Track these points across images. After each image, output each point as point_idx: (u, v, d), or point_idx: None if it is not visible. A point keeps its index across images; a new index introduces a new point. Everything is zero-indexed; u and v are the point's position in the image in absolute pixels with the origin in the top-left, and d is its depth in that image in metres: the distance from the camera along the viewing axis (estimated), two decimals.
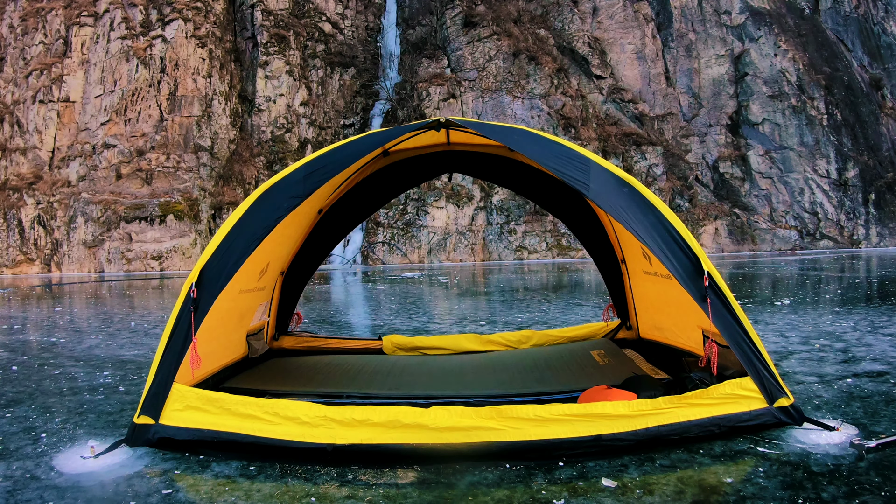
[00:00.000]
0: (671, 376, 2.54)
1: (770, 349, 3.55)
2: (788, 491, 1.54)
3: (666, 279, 2.77)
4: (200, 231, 34.42)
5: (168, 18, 39.54)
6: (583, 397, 2.19)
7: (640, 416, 1.88)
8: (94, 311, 8.44)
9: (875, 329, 4.30)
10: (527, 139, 2.29)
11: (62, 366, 3.82)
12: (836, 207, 39.33)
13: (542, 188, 3.41)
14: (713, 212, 38.05)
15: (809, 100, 40.55)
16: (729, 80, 41.56)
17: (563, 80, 40.01)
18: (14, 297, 12.68)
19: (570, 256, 34.49)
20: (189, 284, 2.05)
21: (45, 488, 1.70)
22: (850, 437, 1.87)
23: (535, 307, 6.97)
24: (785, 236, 38.38)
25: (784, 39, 41.40)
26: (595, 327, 3.76)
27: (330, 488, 1.66)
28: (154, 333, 5.47)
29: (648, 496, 1.55)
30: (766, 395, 1.96)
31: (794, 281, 10.62)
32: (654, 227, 2.09)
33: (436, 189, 36.20)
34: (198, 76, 39.20)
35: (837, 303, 6.40)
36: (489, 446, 1.81)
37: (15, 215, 36.00)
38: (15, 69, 39.29)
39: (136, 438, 2.00)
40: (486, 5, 41.98)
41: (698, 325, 2.61)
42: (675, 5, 42.54)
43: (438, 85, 39.08)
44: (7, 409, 2.66)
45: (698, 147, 40.50)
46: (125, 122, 37.83)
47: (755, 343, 2.02)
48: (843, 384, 2.68)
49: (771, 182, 39.53)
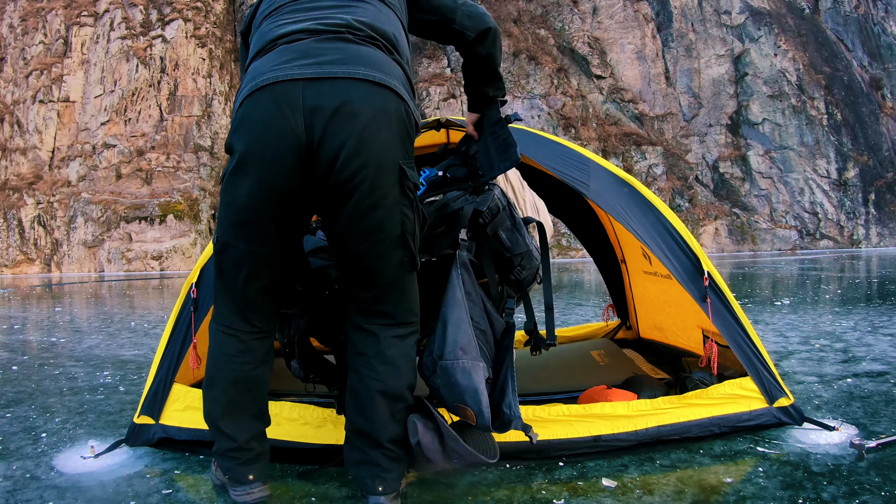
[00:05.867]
0: (671, 376, 2.54)
1: (770, 349, 3.56)
2: (788, 491, 1.55)
3: (666, 279, 2.77)
4: (200, 231, 34.43)
5: (168, 18, 39.54)
6: (583, 397, 2.19)
7: (640, 416, 1.88)
8: (94, 311, 8.44)
9: (875, 329, 4.31)
10: (526, 139, 2.29)
11: (62, 366, 3.82)
12: (836, 207, 39.34)
13: (542, 188, 3.41)
14: (713, 212, 38.06)
15: (809, 100, 40.55)
16: (729, 80, 41.56)
17: (563, 80, 40.01)
18: (14, 297, 12.69)
19: (570, 256, 34.50)
20: (189, 284, 2.05)
21: (45, 488, 1.70)
22: (850, 437, 1.87)
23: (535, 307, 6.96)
24: (785, 236, 38.39)
25: (784, 39, 41.40)
26: (595, 327, 3.76)
27: (330, 488, 1.66)
28: (154, 333, 5.48)
29: (648, 496, 1.55)
30: (766, 395, 1.97)
31: (794, 281, 10.62)
32: (654, 227, 2.10)
33: None
34: (198, 76, 39.19)
35: (837, 303, 6.40)
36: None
37: (15, 215, 36.00)
38: (15, 69, 39.29)
39: (136, 438, 2.00)
40: (486, 5, 41.97)
41: (698, 324, 2.61)
42: (675, 5, 42.53)
43: (438, 85, 39.09)
44: (7, 409, 2.66)
45: (698, 147, 40.50)
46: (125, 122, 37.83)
47: (755, 343, 2.02)
48: (843, 384, 2.68)
49: (771, 182, 39.54)
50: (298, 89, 1.26)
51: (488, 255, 1.66)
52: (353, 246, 1.39)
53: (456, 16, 1.59)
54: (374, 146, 1.29)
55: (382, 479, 1.42)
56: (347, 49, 1.32)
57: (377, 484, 1.42)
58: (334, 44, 1.32)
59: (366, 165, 1.29)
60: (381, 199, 1.33)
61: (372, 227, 1.35)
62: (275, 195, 1.33)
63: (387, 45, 1.39)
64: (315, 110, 1.26)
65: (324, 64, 1.28)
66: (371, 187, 1.31)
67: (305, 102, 1.26)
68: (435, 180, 1.81)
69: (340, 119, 1.26)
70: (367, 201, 1.32)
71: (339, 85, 1.27)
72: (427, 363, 1.51)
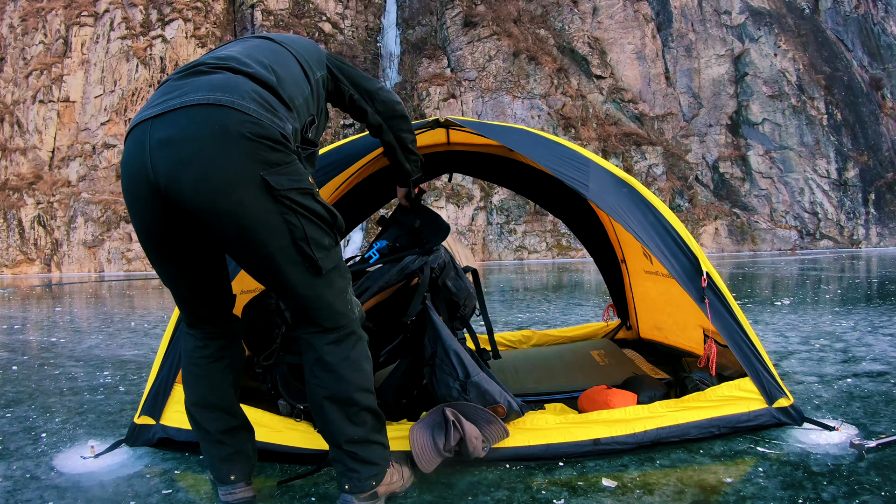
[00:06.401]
0: (671, 376, 2.54)
1: (770, 349, 3.56)
2: (788, 491, 1.55)
3: (666, 279, 2.77)
4: None
5: (168, 18, 39.53)
6: (583, 397, 2.19)
7: (638, 419, 1.89)
8: (94, 311, 8.44)
9: (875, 329, 4.31)
10: (526, 139, 2.29)
11: (62, 366, 3.82)
12: (836, 207, 39.33)
13: (542, 188, 3.41)
14: (713, 212, 38.04)
15: (809, 100, 40.55)
16: (729, 80, 41.55)
17: (563, 80, 40.01)
18: (14, 297, 12.69)
19: (570, 256, 34.51)
20: None
21: (45, 488, 1.70)
22: (850, 437, 1.87)
23: (535, 307, 6.98)
24: (785, 236, 38.38)
25: (784, 39, 41.39)
26: (595, 327, 3.76)
27: (330, 488, 1.66)
28: (154, 333, 5.48)
29: (648, 496, 1.55)
30: (765, 395, 1.96)
31: (793, 281, 10.63)
32: (653, 228, 2.09)
33: (436, 189, 36.18)
34: None
35: (837, 303, 6.40)
36: (487, 453, 1.81)
37: (15, 215, 36.00)
38: (15, 69, 39.28)
39: (137, 438, 2.00)
40: (486, 5, 41.96)
41: (699, 324, 2.61)
42: (675, 5, 42.53)
43: (438, 85, 39.09)
44: (7, 409, 2.66)
45: (698, 147, 40.49)
46: (125, 122, 37.80)
47: (754, 343, 2.01)
48: (843, 384, 2.68)
49: (771, 182, 39.53)
50: (148, 127, 1.31)
51: (441, 301, 2.09)
52: (250, 266, 1.42)
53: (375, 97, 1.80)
54: (213, 168, 1.27)
55: (348, 479, 1.46)
56: (194, 81, 1.35)
57: (343, 482, 1.47)
58: (187, 79, 1.36)
59: (213, 190, 1.27)
60: (247, 216, 1.31)
61: (252, 246, 1.35)
62: (150, 230, 1.39)
63: (240, 67, 1.40)
64: (157, 144, 1.29)
65: (171, 99, 1.32)
66: (229, 209, 1.29)
67: (151, 139, 1.29)
68: (386, 249, 2.24)
69: (173, 149, 1.27)
70: (229, 222, 1.31)
71: (177, 115, 1.29)
72: (455, 386, 1.82)
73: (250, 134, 1.29)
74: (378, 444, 1.50)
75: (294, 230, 1.36)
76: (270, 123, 1.32)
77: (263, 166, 1.31)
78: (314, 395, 1.47)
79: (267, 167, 1.31)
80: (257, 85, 1.38)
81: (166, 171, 1.28)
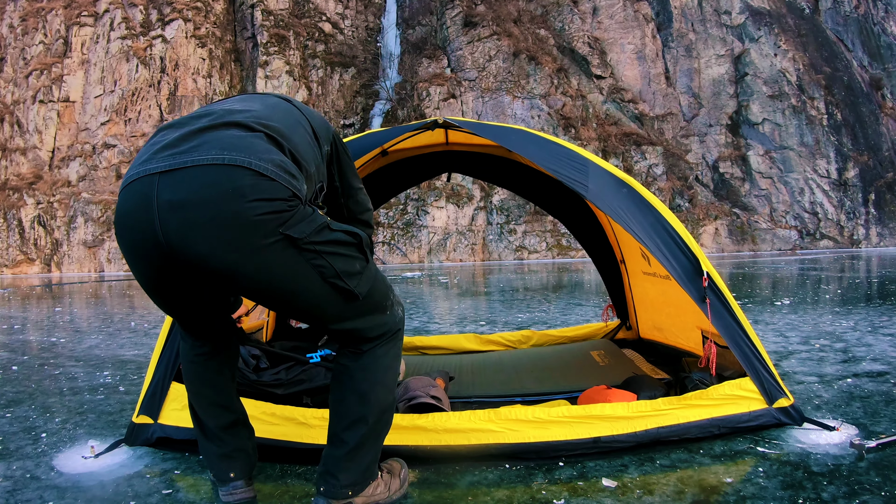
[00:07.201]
0: (671, 376, 2.54)
1: (770, 349, 3.56)
2: (788, 491, 1.55)
3: (665, 280, 2.77)
4: None
5: (168, 18, 39.56)
6: (582, 397, 2.19)
7: (639, 417, 1.88)
8: (94, 311, 8.45)
9: (875, 329, 4.31)
10: (524, 139, 2.28)
11: (62, 366, 3.82)
12: (836, 207, 39.35)
13: (541, 188, 3.42)
14: (713, 212, 38.06)
15: (809, 100, 40.57)
16: (729, 80, 41.58)
17: (563, 80, 40.03)
18: (14, 297, 12.69)
19: (570, 256, 34.53)
20: None
21: (45, 488, 1.70)
22: (850, 437, 1.87)
23: (535, 307, 6.98)
24: (785, 236, 38.40)
25: (784, 39, 41.41)
26: (595, 327, 3.76)
27: None
28: (154, 333, 5.48)
29: (648, 496, 1.55)
30: (765, 395, 1.96)
31: (794, 281, 10.62)
32: (653, 228, 2.09)
33: (436, 189, 36.20)
34: (198, 76, 39.22)
35: (837, 303, 6.40)
36: (487, 448, 1.81)
37: (15, 215, 36.01)
38: (15, 69, 39.30)
39: (135, 438, 2.00)
40: (486, 5, 41.99)
41: (697, 325, 2.61)
42: (675, 5, 42.55)
43: (438, 85, 39.11)
44: (7, 409, 2.66)
45: (698, 147, 40.52)
46: (125, 121, 37.86)
47: (754, 343, 2.01)
48: (843, 384, 2.68)
49: (771, 182, 39.55)
50: (154, 183, 1.25)
51: None
52: (286, 311, 1.44)
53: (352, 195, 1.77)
54: (232, 233, 1.23)
55: (325, 482, 1.46)
56: (206, 137, 1.30)
57: (321, 483, 1.47)
58: (198, 135, 1.31)
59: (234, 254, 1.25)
60: (274, 274, 1.29)
61: (285, 298, 1.35)
62: (151, 280, 1.36)
63: (249, 125, 1.35)
64: (168, 206, 1.23)
65: (180, 154, 1.27)
66: (254, 270, 1.27)
67: (160, 198, 1.24)
68: (330, 358, 2.37)
69: (188, 212, 1.23)
70: (257, 279, 1.29)
71: (188, 175, 1.24)
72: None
73: (267, 196, 1.25)
74: (369, 456, 1.48)
75: (324, 271, 1.34)
76: (287, 185, 1.29)
77: (282, 224, 1.28)
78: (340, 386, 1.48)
79: (284, 224, 1.28)
80: (272, 146, 1.33)
81: (179, 235, 1.23)
